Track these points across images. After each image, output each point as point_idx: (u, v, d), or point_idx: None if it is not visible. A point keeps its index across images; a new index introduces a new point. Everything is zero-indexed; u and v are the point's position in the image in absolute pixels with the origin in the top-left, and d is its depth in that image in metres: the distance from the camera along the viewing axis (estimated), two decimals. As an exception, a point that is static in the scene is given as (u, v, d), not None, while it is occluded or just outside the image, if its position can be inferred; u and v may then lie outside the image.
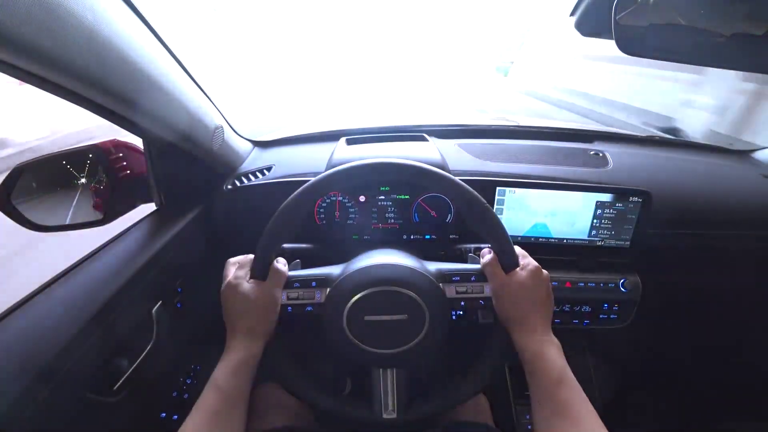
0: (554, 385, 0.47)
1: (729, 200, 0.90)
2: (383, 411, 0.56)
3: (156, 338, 0.63)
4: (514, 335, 0.52)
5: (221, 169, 0.86)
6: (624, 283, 0.83)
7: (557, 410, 0.46)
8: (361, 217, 0.83)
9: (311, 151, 1.01)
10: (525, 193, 0.80)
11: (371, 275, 0.53)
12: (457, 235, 0.83)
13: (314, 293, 0.54)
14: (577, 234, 0.82)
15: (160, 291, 0.65)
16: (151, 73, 0.53)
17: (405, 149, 1.00)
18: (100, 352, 0.53)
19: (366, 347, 0.52)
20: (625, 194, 0.79)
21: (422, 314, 0.52)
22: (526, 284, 0.52)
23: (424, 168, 0.55)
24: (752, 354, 1.17)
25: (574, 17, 0.60)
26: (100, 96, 0.47)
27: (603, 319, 0.86)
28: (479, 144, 1.00)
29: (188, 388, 0.72)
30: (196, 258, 0.79)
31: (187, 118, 0.65)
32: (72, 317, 0.49)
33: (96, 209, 0.73)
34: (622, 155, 0.97)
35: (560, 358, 0.49)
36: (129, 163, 0.73)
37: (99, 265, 0.60)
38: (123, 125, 0.56)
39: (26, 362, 0.43)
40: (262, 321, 0.50)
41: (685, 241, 0.87)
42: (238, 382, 0.48)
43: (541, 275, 0.53)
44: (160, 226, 0.72)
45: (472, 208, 0.54)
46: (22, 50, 0.35)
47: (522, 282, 0.52)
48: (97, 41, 0.42)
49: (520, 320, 0.52)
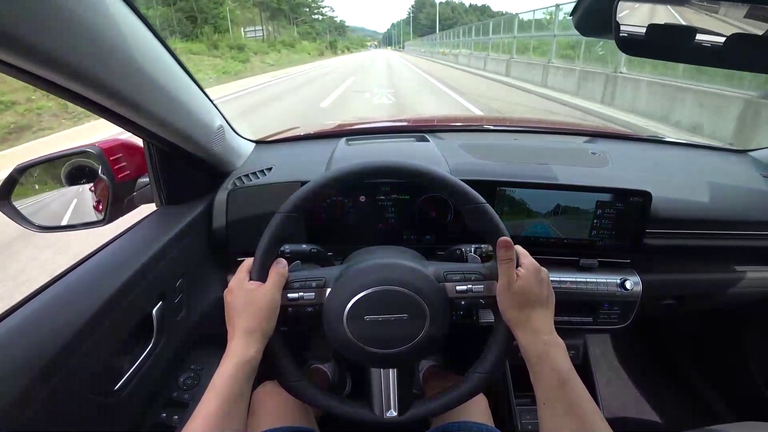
0: (560, 387, 0.47)
1: (729, 200, 0.90)
2: (384, 411, 0.56)
3: (156, 338, 0.63)
4: (517, 336, 0.52)
5: (221, 169, 0.86)
6: (624, 283, 0.83)
7: (563, 410, 0.46)
8: (362, 217, 0.83)
9: (311, 151, 1.01)
10: (525, 193, 0.80)
11: (371, 275, 0.53)
12: (457, 235, 0.83)
13: (314, 294, 0.54)
14: (577, 234, 0.82)
15: (160, 291, 0.65)
16: (152, 73, 0.53)
17: (405, 149, 1.00)
18: (100, 353, 0.53)
19: (366, 347, 0.52)
20: (625, 194, 0.79)
21: (423, 314, 0.52)
22: (527, 284, 0.52)
23: (423, 168, 0.55)
24: (752, 354, 1.17)
25: (575, 17, 0.60)
26: (100, 96, 0.47)
27: (603, 319, 0.86)
28: (480, 144, 1.00)
29: (188, 388, 0.72)
30: (196, 258, 0.79)
31: (187, 119, 0.65)
32: (72, 317, 0.49)
33: (96, 210, 0.73)
34: (622, 155, 0.97)
35: (565, 358, 0.49)
36: (130, 163, 0.74)
37: (99, 265, 0.60)
38: (123, 125, 0.56)
39: (26, 362, 0.43)
40: (262, 322, 0.51)
41: (685, 241, 0.87)
42: (238, 384, 0.48)
43: (540, 274, 0.53)
44: (160, 227, 0.72)
45: (471, 208, 0.54)
46: (23, 50, 0.35)
47: (524, 281, 0.51)
48: (97, 41, 0.42)
49: (523, 321, 0.51)
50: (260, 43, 33.91)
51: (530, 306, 0.51)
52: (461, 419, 0.69)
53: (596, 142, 1.09)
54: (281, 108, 8.00)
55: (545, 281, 0.53)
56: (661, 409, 1.28)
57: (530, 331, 0.51)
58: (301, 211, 0.54)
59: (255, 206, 0.82)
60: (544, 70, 9.23)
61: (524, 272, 0.52)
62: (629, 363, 1.43)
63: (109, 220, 0.71)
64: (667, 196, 0.84)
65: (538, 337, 0.50)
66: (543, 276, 0.53)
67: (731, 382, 1.24)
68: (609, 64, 6.98)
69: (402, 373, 0.57)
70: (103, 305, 0.52)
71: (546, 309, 0.52)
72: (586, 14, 0.59)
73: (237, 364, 0.48)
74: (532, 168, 0.88)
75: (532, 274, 0.52)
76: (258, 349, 0.50)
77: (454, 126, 1.34)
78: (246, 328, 0.50)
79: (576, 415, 0.45)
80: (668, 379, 1.37)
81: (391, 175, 0.56)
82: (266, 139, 1.07)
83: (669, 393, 1.33)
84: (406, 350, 0.52)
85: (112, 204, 0.70)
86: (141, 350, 0.61)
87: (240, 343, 0.49)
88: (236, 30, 32.71)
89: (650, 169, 0.95)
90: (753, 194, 0.93)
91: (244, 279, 0.53)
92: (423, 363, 1.10)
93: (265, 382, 0.74)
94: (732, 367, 1.23)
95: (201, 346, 0.78)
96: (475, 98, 8.07)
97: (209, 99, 0.74)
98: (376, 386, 0.56)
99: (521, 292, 0.51)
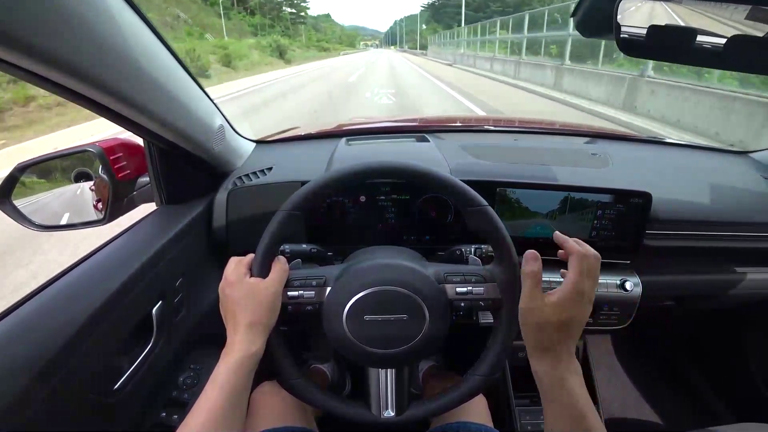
0: (577, 421, 0.44)
1: (729, 201, 0.90)
2: (381, 411, 0.56)
3: (156, 338, 0.63)
4: (532, 360, 0.47)
5: (222, 169, 0.86)
6: (624, 284, 0.83)
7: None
8: (362, 217, 0.83)
9: (311, 151, 1.01)
10: (525, 194, 0.80)
11: (371, 275, 0.53)
12: (457, 236, 0.83)
13: (314, 293, 0.54)
14: (577, 234, 0.81)
15: (160, 291, 0.65)
16: (153, 72, 0.53)
17: (406, 149, 1.00)
18: (100, 352, 0.52)
19: (366, 347, 0.52)
20: (626, 195, 0.79)
21: (422, 315, 0.52)
22: (562, 309, 0.44)
23: (424, 169, 0.55)
24: (752, 354, 1.17)
25: (575, 18, 0.60)
26: (101, 95, 0.47)
27: (603, 319, 0.86)
28: (480, 144, 1.00)
29: (188, 387, 0.72)
30: (196, 258, 0.79)
31: (187, 118, 0.65)
32: (72, 317, 0.49)
33: (97, 209, 0.73)
34: (622, 156, 0.97)
35: (582, 388, 0.45)
36: (130, 162, 0.74)
37: (99, 264, 0.60)
38: (124, 125, 0.56)
39: (26, 362, 0.43)
40: (263, 318, 0.50)
41: (685, 243, 0.87)
42: (239, 379, 0.48)
43: (583, 297, 0.44)
44: (160, 226, 0.72)
45: (472, 209, 0.54)
46: (24, 49, 0.35)
47: (557, 307, 0.44)
48: (98, 40, 0.42)
49: (544, 348, 0.46)
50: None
51: (554, 332, 0.45)
52: (461, 419, 0.69)
53: (597, 142, 1.09)
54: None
55: (585, 305, 0.45)
56: (661, 410, 1.28)
57: (549, 358, 0.46)
58: (303, 210, 0.54)
59: (255, 206, 0.82)
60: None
61: (559, 296, 0.45)
62: (629, 363, 1.43)
63: (109, 219, 0.71)
64: (667, 198, 0.84)
65: (557, 366, 0.45)
66: (584, 300, 0.45)
67: (731, 383, 1.24)
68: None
69: (400, 373, 0.57)
70: (103, 304, 0.52)
71: (571, 336, 0.46)
72: (587, 15, 0.59)
73: (240, 358, 0.48)
74: (532, 169, 0.88)
75: (570, 297, 0.44)
76: (261, 343, 0.50)
77: (455, 126, 1.34)
78: (249, 322, 0.50)
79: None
80: (668, 379, 1.37)
81: (391, 176, 0.56)
82: (266, 139, 1.07)
83: (669, 393, 1.33)
84: (405, 351, 0.52)
85: (112, 203, 0.70)
86: (141, 350, 0.61)
87: (243, 338, 0.49)
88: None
89: (651, 170, 0.95)
90: (754, 196, 0.93)
91: (245, 274, 0.52)
92: (423, 363, 1.10)
93: (264, 382, 0.74)
94: (732, 368, 1.23)
95: (201, 345, 0.78)
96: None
97: (210, 98, 0.74)
98: (374, 386, 0.57)
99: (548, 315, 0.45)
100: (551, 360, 0.46)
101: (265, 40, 34.76)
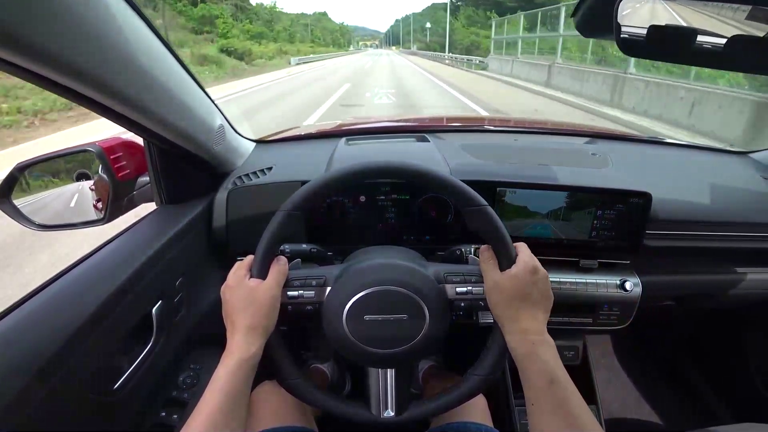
0: (547, 385, 0.47)
1: (729, 201, 0.90)
2: (381, 411, 0.56)
3: (156, 338, 0.63)
4: (505, 335, 0.52)
5: (222, 169, 0.86)
6: (624, 284, 0.83)
7: (551, 409, 0.46)
8: (362, 217, 0.83)
9: (311, 151, 1.01)
10: (525, 194, 0.80)
11: (371, 275, 0.53)
12: (457, 236, 0.83)
13: (314, 293, 0.54)
14: (577, 234, 0.82)
15: (160, 290, 0.65)
16: (153, 72, 0.53)
17: (406, 149, 1.00)
18: (99, 352, 0.53)
19: (365, 347, 0.52)
20: (626, 195, 0.79)
21: (422, 315, 0.52)
22: (519, 282, 0.50)
23: (424, 169, 0.55)
24: (752, 354, 1.18)
25: (576, 18, 0.60)
26: (102, 95, 0.47)
27: (603, 319, 0.86)
28: (480, 144, 1.00)
29: (188, 387, 0.72)
30: (196, 258, 0.79)
31: (188, 118, 0.65)
32: (72, 316, 0.49)
33: (96, 208, 0.73)
34: (622, 156, 0.97)
35: (553, 357, 0.48)
36: (130, 162, 0.74)
37: (99, 264, 0.60)
38: (124, 125, 0.56)
39: (26, 361, 0.43)
40: (262, 319, 0.50)
41: (684, 242, 0.87)
42: (237, 382, 0.48)
43: (537, 273, 0.51)
44: (160, 226, 0.72)
45: (471, 209, 0.54)
46: (25, 49, 0.35)
47: (515, 280, 0.50)
48: (98, 40, 0.42)
49: (511, 319, 0.51)
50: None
51: (519, 305, 0.50)
52: (461, 420, 0.69)
53: (596, 142, 1.09)
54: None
55: (540, 281, 0.52)
56: (660, 410, 1.29)
57: (517, 330, 0.50)
58: (303, 210, 0.54)
59: (255, 206, 0.82)
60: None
61: (515, 270, 0.51)
62: (629, 363, 1.43)
63: (109, 218, 0.71)
64: (667, 197, 0.84)
65: (526, 336, 0.50)
66: (539, 276, 0.52)
67: (731, 383, 1.24)
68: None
69: (400, 373, 0.57)
70: (102, 304, 0.52)
71: (537, 309, 0.51)
72: (587, 15, 0.59)
73: (239, 361, 0.48)
74: (532, 169, 0.88)
75: (526, 273, 0.51)
76: (259, 346, 0.50)
77: (455, 126, 1.34)
78: (247, 325, 0.50)
79: (563, 414, 0.45)
80: (668, 379, 1.37)
81: (391, 176, 0.56)
82: (266, 139, 1.07)
83: (669, 393, 1.33)
84: (404, 350, 0.52)
85: (112, 203, 0.70)
86: (141, 349, 0.61)
87: (241, 341, 0.49)
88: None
89: (651, 170, 0.95)
90: (753, 196, 0.93)
91: (244, 276, 0.52)
92: (423, 363, 1.10)
93: (264, 382, 0.74)
94: (732, 368, 1.23)
95: (200, 345, 0.78)
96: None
97: (210, 98, 0.74)
98: (374, 386, 0.57)
99: (509, 289, 0.51)
100: (520, 332, 0.50)
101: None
